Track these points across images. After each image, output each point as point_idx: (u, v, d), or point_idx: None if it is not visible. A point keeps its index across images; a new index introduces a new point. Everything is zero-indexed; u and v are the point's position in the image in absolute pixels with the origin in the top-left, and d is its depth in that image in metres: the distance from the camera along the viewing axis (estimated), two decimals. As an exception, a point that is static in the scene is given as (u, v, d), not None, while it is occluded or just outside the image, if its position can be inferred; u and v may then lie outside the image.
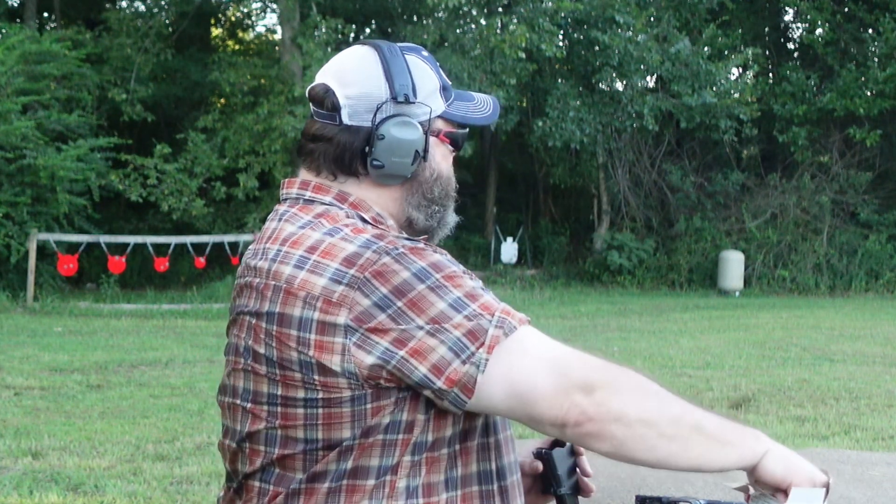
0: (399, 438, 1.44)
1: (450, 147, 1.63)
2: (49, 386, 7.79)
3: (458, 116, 1.62)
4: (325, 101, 1.57)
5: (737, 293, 18.37)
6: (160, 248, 15.39)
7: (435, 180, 1.60)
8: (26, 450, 5.68)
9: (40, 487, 4.94)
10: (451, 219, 1.65)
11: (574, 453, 1.63)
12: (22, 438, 5.94)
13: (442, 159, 1.62)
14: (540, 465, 1.63)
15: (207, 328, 11.97)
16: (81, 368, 8.71)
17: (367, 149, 1.54)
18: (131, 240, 15.38)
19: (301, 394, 1.44)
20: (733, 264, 18.52)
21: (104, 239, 15.06)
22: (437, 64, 1.65)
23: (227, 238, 15.48)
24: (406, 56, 1.58)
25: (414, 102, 1.56)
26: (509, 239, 20.07)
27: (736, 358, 9.77)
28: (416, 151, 1.55)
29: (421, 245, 1.46)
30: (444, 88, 1.61)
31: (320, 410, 1.44)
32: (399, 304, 1.40)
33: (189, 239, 15.31)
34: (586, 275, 19.94)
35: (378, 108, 1.54)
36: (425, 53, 1.63)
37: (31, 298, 14.18)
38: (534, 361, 1.41)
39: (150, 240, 15.43)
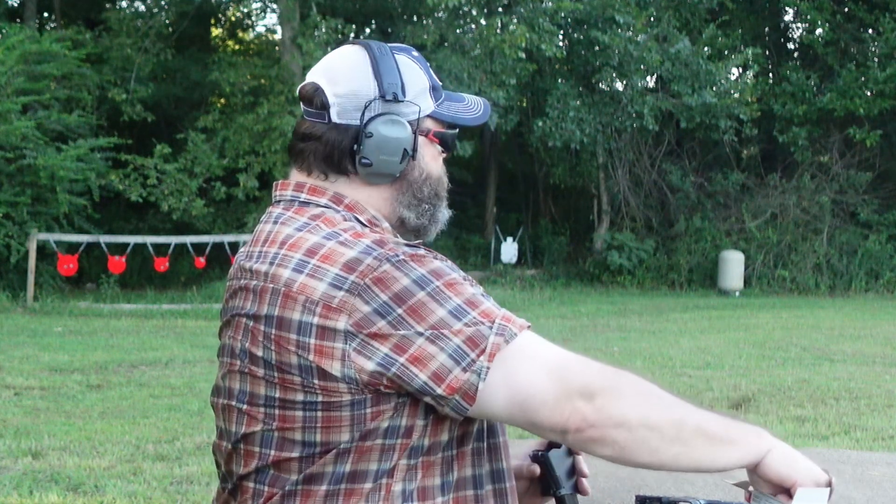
0: (397, 443, 1.44)
1: (439, 147, 1.63)
2: (49, 386, 7.79)
3: (447, 116, 1.62)
4: (315, 99, 1.57)
5: (737, 293, 18.37)
6: (160, 248, 15.39)
7: (424, 180, 1.60)
8: (26, 450, 5.68)
9: (40, 487, 4.94)
10: (444, 215, 1.65)
11: (571, 453, 1.63)
12: (22, 438, 5.94)
13: (432, 159, 1.62)
14: (537, 469, 1.63)
15: (207, 328, 11.96)
16: (81, 368, 8.71)
17: (355, 147, 1.55)
18: (131, 240, 15.38)
19: (300, 397, 1.44)
20: (733, 264, 18.52)
21: (104, 239, 15.06)
22: (428, 64, 1.64)
23: (227, 238, 15.47)
24: (396, 55, 1.58)
25: (402, 101, 1.56)
26: (509, 239, 20.06)
27: (736, 358, 9.77)
28: (405, 150, 1.55)
29: (422, 252, 1.46)
30: (433, 88, 1.61)
31: (319, 413, 1.43)
32: (399, 310, 1.39)
33: (189, 239, 15.31)
34: (586, 275, 19.94)
35: (366, 106, 1.54)
36: (415, 53, 1.63)
37: (31, 298, 14.18)
38: (534, 368, 1.40)
39: (150, 240, 15.43)
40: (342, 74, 1.57)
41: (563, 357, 1.43)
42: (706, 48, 19.92)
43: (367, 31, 22.32)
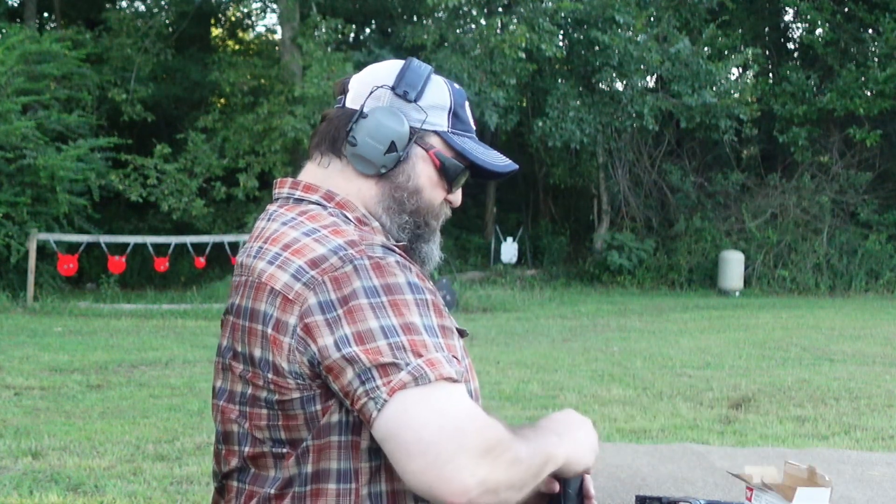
0: (350, 440, 1.42)
1: (438, 172, 1.60)
2: (49, 386, 7.79)
3: (458, 145, 1.61)
4: (341, 86, 1.63)
5: (737, 293, 18.38)
6: (160, 248, 15.39)
7: (411, 191, 1.59)
8: (26, 450, 5.68)
9: (40, 487, 4.94)
10: (431, 251, 1.63)
11: (583, 473, 1.61)
12: (22, 438, 5.94)
13: (428, 180, 1.60)
14: (557, 486, 1.61)
15: (207, 328, 11.97)
16: (81, 368, 8.71)
17: (350, 126, 1.57)
18: (131, 240, 15.38)
19: (263, 394, 1.45)
20: (733, 264, 18.52)
21: (104, 239, 15.06)
22: (465, 98, 1.65)
23: (227, 238, 15.47)
24: (433, 74, 1.61)
25: (412, 103, 1.57)
26: (509, 239, 20.07)
27: (736, 358, 9.77)
28: (393, 142, 1.55)
29: (390, 260, 1.43)
30: (454, 114, 1.61)
31: (279, 411, 1.44)
32: (339, 311, 1.37)
33: (189, 239, 15.31)
34: (586, 275, 19.94)
35: (372, 91, 1.57)
36: (457, 86, 1.65)
37: (31, 298, 14.18)
38: (428, 419, 1.31)
39: (150, 240, 15.43)
40: (375, 71, 1.63)
41: (464, 420, 1.33)
42: (706, 48, 19.93)
43: (367, 31, 22.33)
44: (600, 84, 19.44)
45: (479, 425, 1.33)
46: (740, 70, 21.70)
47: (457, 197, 1.67)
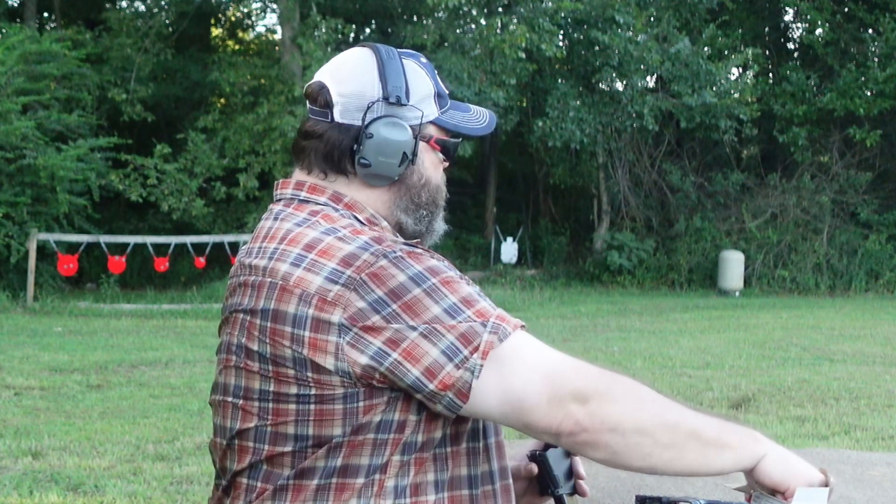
0: (390, 438, 1.44)
1: (441, 155, 1.63)
2: (49, 386, 7.79)
3: (450, 124, 1.62)
4: (319, 98, 1.58)
5: (737, 293, 18.37)
6: (160, 248, 15.38)
7: (423, 186, 1.60)
8: (26, 450, 5.67)
9: (40, 487, 4.94)
10: (440, 226, 1.65)
11: (569, 455, 1.63)
12: (22, 438, 5.94)
13: (432, 166, 1.62)
14: (535, 468, 1.63)
15: (207, 328, 11.96)
16: (81, 368, 8.71)
17: (355, 147, 1.55)
18: (131, 240, 15.38)
19: (294, 390, 1.44)
20: (733, 264, 18.51)
21: (104, 239, 15.06)
22: (435, 71, 1.65)
23: (227, 238, 15.48)
24: (403, 60, 1.59)
25: (406, 105, 1.56)
26: (509, 239, 20.06)
27: (736, 358, 9.77)
28: (404, 153, 1.55)
29: (418, 250, 1.46)
30: (438, 95, 1.61)
31: (312, 406, 1.44)
32: (394, 306, 1.40)
33: (189, 239, 15.31)
34: (586, 275, 19.94)
35: (369, 107, 1.55)
36: (423, 59, 1.64)
37: (31, 298, 14.18)
38: (528, 369, 1.40)
39: (150, 240, 15.42)
40: (348, 75, 1.58)
41: (557, 359, 1.43)
42: (706, 48, 19.91)
43: (367, 31, 22.31)
44: (600, 84, 19.43)
45: (570, 363, 1.43)
46: (740, 70, 21.69)
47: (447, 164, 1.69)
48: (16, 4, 21.63)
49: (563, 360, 1.43)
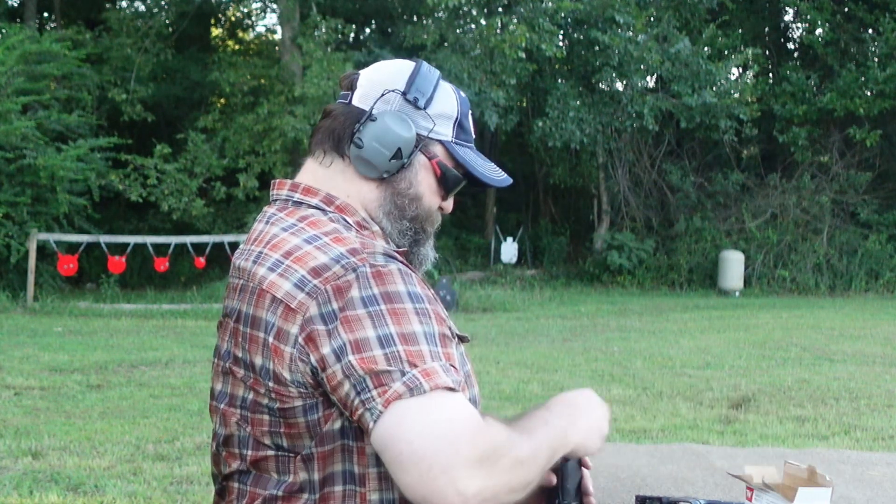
0: (354, 445, 1.42)
1: (438, 181, 1.61)
2: (49, 386, 7.79)
3: (459, 156, 1.61)
4: (347, 81, 1.62)
5: (737, 293, 18.37)
6: (160, 248, 15.39)
7: (412, 198, 1.59)
8: (26, 450, 5.68)
9: (40, 487, 4.94)
10: (429, 253, 1.65)
11: (581, 468, 1.62)
12: (22, 438, 5.94)
13: (428, 188, 1.61)
14: (554, 478, 1.61)
15: (207, 328, 11.97)
16: (81, 368, 8.71)
17: (356, 126, 1.56)
18: (131, 240, 15.38)
19: (265, 401, 1.44)
20: (733, 264, 18.52)
21: (104, 239, 15.06)
22: (469, 108, 1.66)
23: (227, 238, 15.47)
24: (441, 79, 1.62)
25: (421, 110, 1.57)
26: (509, 239, 20.07)
27: (736, 358, 9.77)
28: (399, 149, 1.55)
29: (393, 269, 1.42)
30: (460, 125, 1.62)
31: (280, 419, 1.44)
32: (336, 322, 1.37)
33: (189, 239, 15.31)
34: (586, 275, 19.94)
35: (383, 94, 1.56)
36: (463, 94, 1.66)
37: (31, 298, 14.18)
38: (418, 435, 1.29)
39: (150, 240, 15.43)
40: (383, 69, 1.62)
41: (456, 433, 1.29)
42: (706, 48, 19.92)
43: (367, 31, 22.33)
44: (600, 84, 19.44)
45: (473, 434, 1.29)
46: (740, 70, 21.70)
47: (449, 204, 1.67)
48: (16, 4, 21.63)
49: (459, 436, 1.28)
